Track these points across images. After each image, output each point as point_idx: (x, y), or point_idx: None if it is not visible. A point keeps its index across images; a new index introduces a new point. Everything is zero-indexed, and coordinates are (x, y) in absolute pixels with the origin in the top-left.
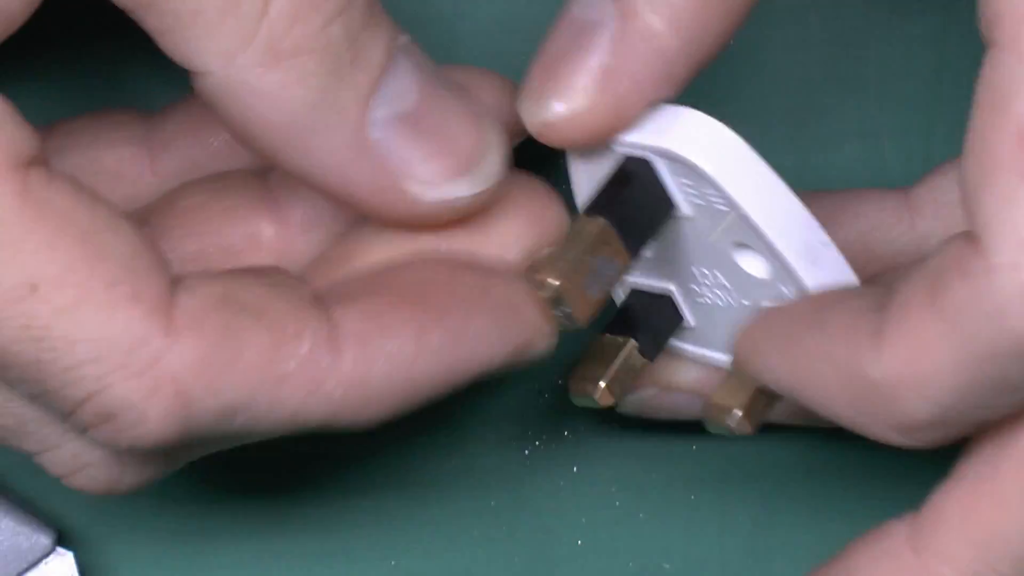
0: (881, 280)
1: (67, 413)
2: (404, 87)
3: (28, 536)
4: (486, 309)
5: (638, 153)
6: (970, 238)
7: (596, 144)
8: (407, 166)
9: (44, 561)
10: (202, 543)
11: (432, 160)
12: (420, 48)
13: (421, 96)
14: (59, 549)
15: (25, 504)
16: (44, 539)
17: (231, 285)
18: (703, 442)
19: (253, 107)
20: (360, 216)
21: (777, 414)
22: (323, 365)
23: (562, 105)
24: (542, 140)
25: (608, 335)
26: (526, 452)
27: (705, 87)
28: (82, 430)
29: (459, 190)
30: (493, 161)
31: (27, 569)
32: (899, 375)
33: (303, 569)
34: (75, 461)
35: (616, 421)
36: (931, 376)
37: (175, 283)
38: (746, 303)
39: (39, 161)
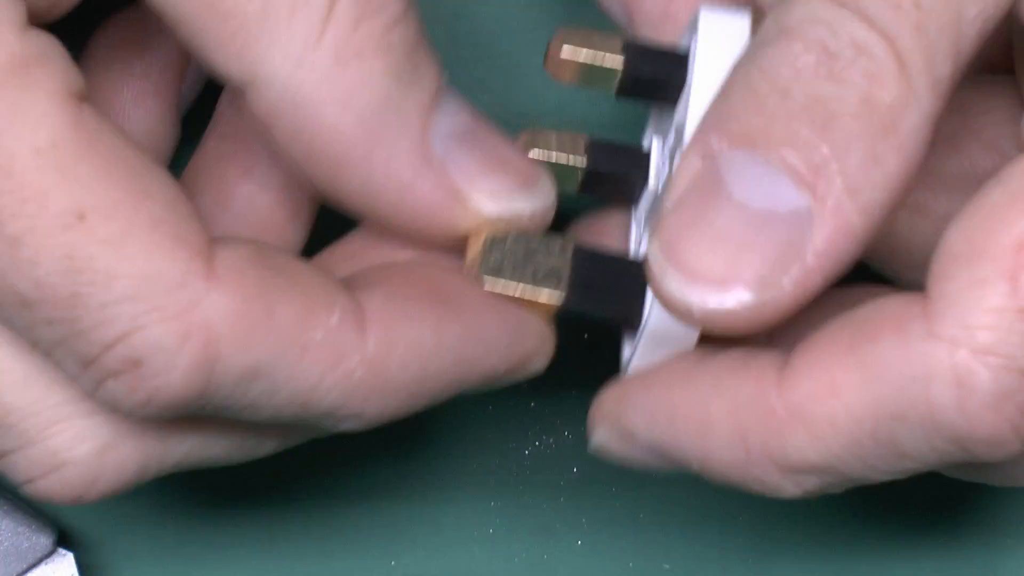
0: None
1: (90, 359)
2: (459, 107)
3: (28, 536)
4: (498, 315)
5: None
6: (913, 300)
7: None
8: (471, 179)
9: (44, 561)
10: (202, 543)
11: (495, 174)
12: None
13: (474, 119)
14: (59, 549)
15: (25, 504)
16: (44, 539)
17: (266, 249)
18: None
19: (319, 114)
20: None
21: None
22: (348, 341)
23: (751, 295)
24: (705, 326)
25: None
26: (526, 452)
27: None
28: (100, 380)
29: (522, 204)
30: (548, 182)
31: (27, 570)
32: (799, 408)
33: (303, 569)
34: (52, 460)
35: None
36: (832, 418)
37: (212, 235)
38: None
39: (88, 99)
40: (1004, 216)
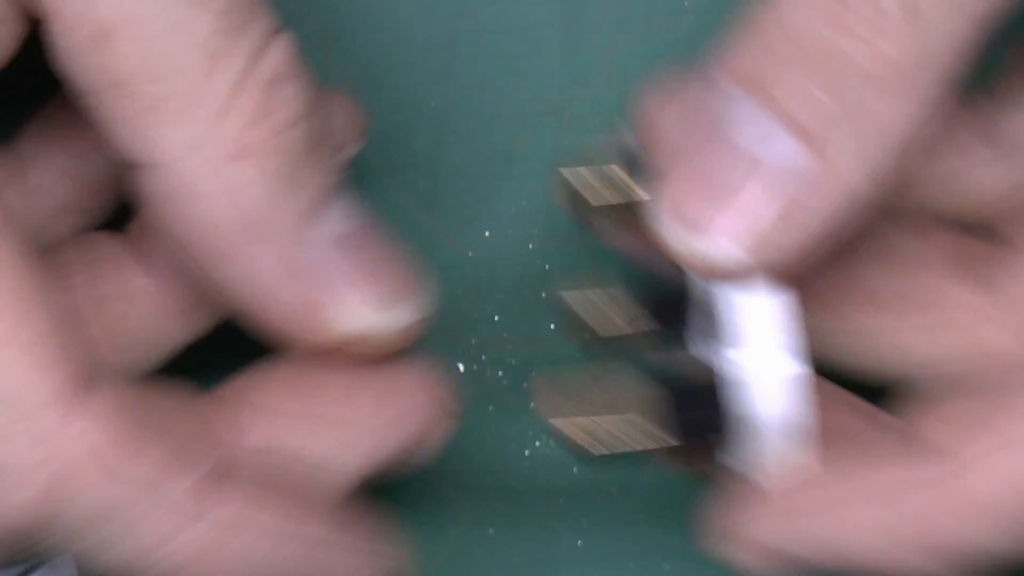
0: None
1: None
2: (346, 213)
3: None
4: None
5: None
6: None
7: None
8: (341, 286)
9: (44, 562)
10: None
11: (367, 283)
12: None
13: (359, 225)
14: None
15: None
16: None
17: (148, 395)
18: None
19: (204, 205)
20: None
21: None
22: (201, 506)
23: (748, 248)
24: (697, 269)
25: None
26: (526, 452)
27: None
28: None
29: (387, 319)
30: (420, 300)
31: (27, 570)
32: (986, 503)
33: None
34: None
35: None
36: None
37: (95, 368)
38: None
39: None
40: None
